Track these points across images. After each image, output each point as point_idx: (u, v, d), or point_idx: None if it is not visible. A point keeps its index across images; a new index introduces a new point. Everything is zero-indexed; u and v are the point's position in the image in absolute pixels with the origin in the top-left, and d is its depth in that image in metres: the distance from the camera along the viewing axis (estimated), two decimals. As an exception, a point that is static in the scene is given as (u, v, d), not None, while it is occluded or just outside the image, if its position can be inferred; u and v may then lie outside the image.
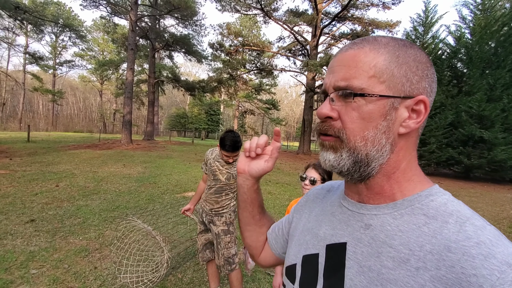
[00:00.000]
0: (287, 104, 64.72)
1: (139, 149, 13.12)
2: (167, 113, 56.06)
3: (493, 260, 0.34)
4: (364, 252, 0.45)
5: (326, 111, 0.47)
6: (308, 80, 17.66)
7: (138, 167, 8.60)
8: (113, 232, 3.65)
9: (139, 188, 6.14)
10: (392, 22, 16.37)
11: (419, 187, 0.47)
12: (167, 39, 20.97)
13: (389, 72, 0.44)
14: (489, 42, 10.71)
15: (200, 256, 2.40)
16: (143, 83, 26.93)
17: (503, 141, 9.88)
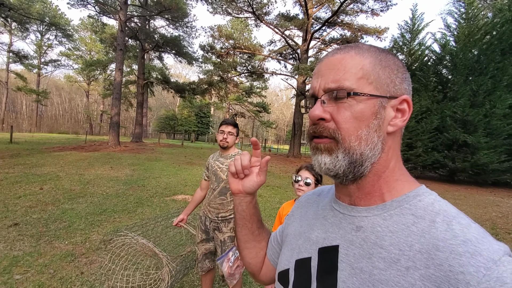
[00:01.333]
0: (278, 107, 65.09)
1: (127, 151, 12.86)
2: (156, 115, 55.33)
3: (479, 257, 0.35)
4: (356, 254, 0.46)
5: (319, 112, 0.47)
6: (298, 83, 17.83)
7: (126, 169, 8.42)
8: (100, 236, 3.55)
9: (127, 191, 6.00)
10: (381, 29, 16.78)
11: (407, 187, 0.48)
12: (157, 40, 20.75)
13: (375, 73, 0.46)
14: (472, 50, 11.11)
15: (200, 266, 2.30)
16: (131, 84, 26.50)
17: (486, 145, 10.22)
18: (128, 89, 27.59)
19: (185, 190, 6.54)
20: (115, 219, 4.27)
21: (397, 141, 0.50)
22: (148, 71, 22.18)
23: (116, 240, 2.30)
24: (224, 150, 2.26)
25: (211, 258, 2.32)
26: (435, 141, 11.56)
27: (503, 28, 10.56)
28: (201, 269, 2.30)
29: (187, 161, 11.62)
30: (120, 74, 14.61)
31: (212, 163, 2.30)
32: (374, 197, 0.49)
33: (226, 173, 2.20)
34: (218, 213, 2.21)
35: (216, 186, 2.23)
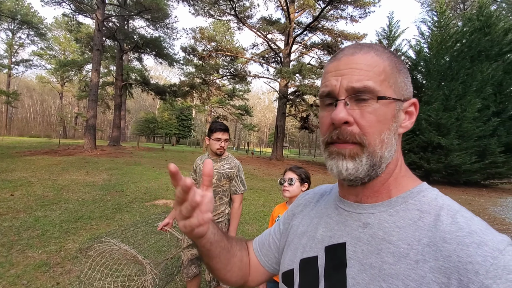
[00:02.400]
0: (260, 110, 65.42)
1: (104, 155, 12.35)
2: (135, 118, 53.84)
3: (485, 247, 0.37)
4: (364, 250, 0.46)
5: (344, 115, 0.45)
6: (281, 87, 17.99)
7: (103, 174, 8.07)
8: (75, 245, 3.34)
9: (104, 196, 5.74)
10: (360, 35, 17.34)
11: (411, 184, 0.50)
12: (137, 41, 20.18)
13: (394, 77, 0.47)
14: (445, 57, 11.71)
15: (185, 272, 2.22)
16: (109, 86, 25.57)
17: (458, 147, 10.76)
18: (105, 91, 26.62)
19: (166, 194, 6.36)
20: (92, 227, 4.05)
21: (400, 141, 0.52)
22: (126, 72, 21.51)
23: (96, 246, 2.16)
24: (217, 155, 2.20)
25: (197, 263, 2.24)
26: (411, 143, 12.03)
27: (472, 37, 11.24)
28: (186, 275, 2.22)
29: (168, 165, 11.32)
30: (97, 75, 14.06)
31: (201, 166, 2.24)
32: (382, 194, 0.49)
33: (216, 176, 2.15)
34: None
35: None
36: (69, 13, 17.78)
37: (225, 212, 2.19)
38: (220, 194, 2.16)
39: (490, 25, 11.13)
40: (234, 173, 2.17)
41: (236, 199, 2.19)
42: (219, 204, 2.16)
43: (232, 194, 2.21)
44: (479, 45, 10.99)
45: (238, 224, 2.20)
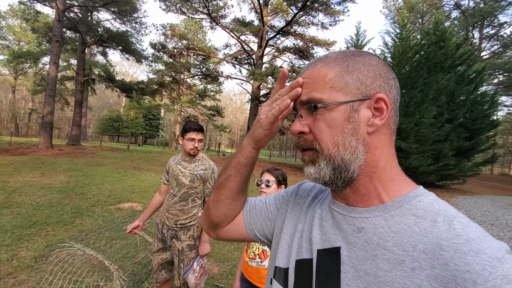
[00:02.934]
0: (232, 111, 65.17)
1: (61, 155, 11.42)
2: (97, 116, 50.72)
3: (483, 255, 0.36)
4: (359, 256, 0.45)
5: (297, 127, 0.51)
6: (253, 89, 18.06)
7: (61, 175, 7.44)
8: (30, 253, 3.01)
9: (62, 200, 5.29)
10: (330, 41, 18.01)
11: (404, 188, 0.48)
12: (101, 34, 19.00)
13: (342, 80, 0.48)
14: (405, 66, 12.62)
15: (155, 277, 2.12)
16: (69, 81, 23.75)
17: (416, 150, 11.62)
18: (64, 86, 24.66)
19: (132, 197, 6.03)
20: (48, 233, 3.70)
21: (385, 139, 0.49)
22: (89, 66, 20.16)
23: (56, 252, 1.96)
24: (190, 156, 2.12)
25: (167, 268, 2.14)
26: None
27: (429, 49, 12.23)
28: (156, 280, 2.12)
29: (134, 166, 10.78)
30: (55, 69, 12.98)
31: (174, 167, 2.13)
32: (371, 198, 0.49)
33: (189, 178, 2.06)
34: (177, 220, 2.05)
35: (177, 191, 2.07)
36: (26, 0, 16.24)
37: (198, 214, 2.11)
38: (193, 196, 2.09)
39: (444, 40, 12.20)
40: (208, 175, 2.11)
41: None
42: (191, 207, 2.08)
43: (205, 196, 2.14)
44: (435, 57, 12.00)
45: None
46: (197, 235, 2.08)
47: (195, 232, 2.08)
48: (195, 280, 1.88)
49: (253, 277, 1.66)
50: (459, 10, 24.90)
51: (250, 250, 1.71)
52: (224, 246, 3.91)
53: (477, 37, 24.58)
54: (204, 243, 2.06)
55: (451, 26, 15.25)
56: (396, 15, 25.41)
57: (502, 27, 24.05)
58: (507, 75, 24.91)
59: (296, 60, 20.35)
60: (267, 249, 1.66)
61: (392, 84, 0.50)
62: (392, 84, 0.50)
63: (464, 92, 12.07)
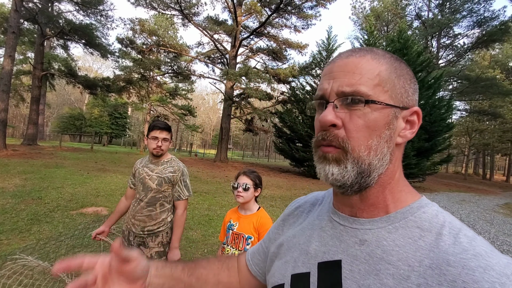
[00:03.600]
0: (204, 111, 64.21)
1: (16, 156, 10.42)
2: (56, 113, 47.16)
3: (492, 272, 0.35)
4: (362, 270, 0.43)
5: (332, 118, 0.44)
6: (227, 88, 17.89)
7: (15, 178, 6.77)
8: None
9: (17, 205, 4.81)
10: (302, 44, 18.42)
11: (410, 199, 0.47)
12: (62, 26, 17.63)
13: (391, 82, 0.45)
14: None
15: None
16: (25, 75, 21.74)
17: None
18: (20, 81, 22.55)
19: (96, 201, 5.64)
20: (1, 241, 3.36)
21: (401, 152, 0.49)
22: (48, 60, 18.61)
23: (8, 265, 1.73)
24: (157, 157, 1.99)
25: None
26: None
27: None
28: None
29: (99, 168, 10.13)
30: (11, 62, 11.91)
31: (140, 169, 2.00)
32: (378, 209, 0.47)
33: (156, 181, 1.93)
34: (144, 226, 1.92)
35: (144, 196, 1.94)
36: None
37: (167, 220, 1.99)
38: (161, 200, 1.96)
39: (407, 47, 13.08)
40: (178, 177, 1.99)
41: (179, 206, 2.01)
42: (160, 212, 1.96)
43: (175, 200, 2.02)
44: (399, 63, 12.82)
45: (182, 232, 2.02)
46: (166, 241, 1.96)
47: (164, 238, 1.96)
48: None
49: None
50: (420, 20, 26.92)
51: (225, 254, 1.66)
52: (198, 249, 3.79)
53: (435, 46, 26.76)
54: (174, 249, 1.95)
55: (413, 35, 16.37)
56: (364, 22, 26.76)
57: (456, 38, 26.47)
58: (460, 82, 27.44)
59: (270, 61, 20.55)
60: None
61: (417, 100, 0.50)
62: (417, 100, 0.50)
63: (424, 96, 13.02)
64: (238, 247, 1.63)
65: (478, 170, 41.43)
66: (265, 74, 17.15)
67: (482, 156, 37.60)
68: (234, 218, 1.74)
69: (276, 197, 8.00)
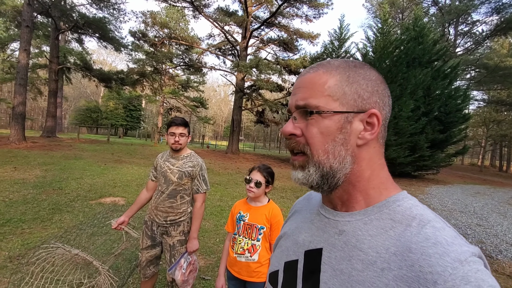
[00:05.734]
0: (215, 102, 64.39)
1: (36, 148, 10.87)
2: (73, 106, 48.52)
3: (447, 258, 0.38)
4: (337, 257, 0.49)
5: (289, 129, 0.52)
6: (237, 80, 17.88)
7: (36, 170, 7.10)
8: (4, 253, 2.88)
9: (38, 195, 5.07)
10: (314, 34, 18.05)
11: (386, 194, 0.51)
12: (76, 20, 17.96)
13: (340, 90, 0.50)
14: (386, 61, 12.94)
15: (142, 273, 2.11)
16: (41, 69, 22.42)
17: (395, 142, 12.07)
18: (37, 74, 23.26)
19: (114, 191, 5.88)
20: (24, 230, 3.55)
21: (374, 152, 0.51)
22: (63, 54, 19.08)
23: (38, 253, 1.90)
24: (176, 151, 2.10)
25: (156, 263, 2.16)
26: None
27: (408, 44, 12.58)
28: (143, 276, 2.12)
29: (115, 159, 10.47)
30: (26, 56, 12.18)
31: (162, 163, 2.11)
32: (353, 203, 0.51)
33: (177, 175, 2.05)
34: (166, 216, 2.05)
35: (165, 188, 2.06)
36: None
37: (187, 211, 2.11)
38: (181, 193, 2.08)
39: (423, 35, 12.59)
40: (197, 172, 2.10)
41: (198, 199, 2.13)
42: (180, 203, 2.08)
43: (194, 193, 2.14)
44: (414, 52, 12.37)
45: (200, 223, 2.14)
46: (187, 230, 2.09)
47: (185, 227, 2.08)
48: (182, 277, 1.88)
49: (241, 273, 1.68)
50: (437, 7, 25.66)
51: (237, 246, 1.73)
52: (210, 239, 3.93)
53: (452, 33, 25.53)
54: (192, 239, 2.06)
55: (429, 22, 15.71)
56: (378, 10, 25.83)
57: (475, 25, 25.14)
58: (478, 71, 26.24)
59: (280, 52, 20.30)
60: (257, 243, 1.69)
61: (386, 101, 0.52)
62: (386, 101, 0.52)
63: (440, 86, 12.59)
64: (251, 237, 1.70)
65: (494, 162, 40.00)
66: (276, 65, 17.00)
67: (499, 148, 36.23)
68: (244, 209, 1.80)
69: (287, 188, 8.08)
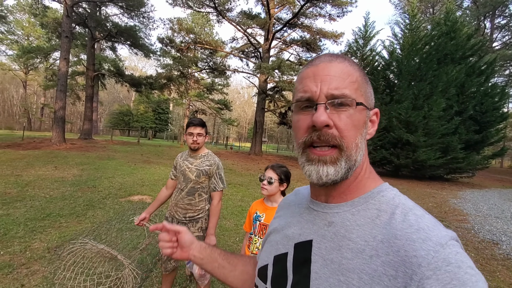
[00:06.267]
0: (239, 105, 65.09)
1: (74, 149, 11.74)
2: (108, 110, 51.51)
3: (429, 242, 0.40)
4: (328, 247, 0.50)
5: (325, 118, 0.47)
6: (260, 82, 18.01)
7: (74, 169, 7.69)
8: (43, 244, 3.19)
9: (75, 192, 5.50)
10: (337, 33, 17.70)
11: (373, 185, 0.54)
12: (110, 29, 19.18)
13: (364, 86, 0.52)
14: (415, 58, 12.35)
15: (164, 267, 2.24)
16: (79, 76, 24.15)
17: (424, 143, 11.47)
18: (75, 81, 25.10)
19: (142, 190, 6.21)
20: (61, 224, 3.88)
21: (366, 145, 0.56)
22: (99, 62, 20.45)
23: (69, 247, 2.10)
24: (194, 151, 2.21)
25: None
26: (383, 140, 12.62)
27: (439, 40, 11.92)
28: (165, 269, 2.25)
29: (144, 160, 11.02)
30: (66, 64, 13.21)
31: (181, 162, 2.23)
32: (346, 195, 0.53)
33: (195, 173, 2.16)
34: (185, 213, 2.16)
35: (184, 186, 2.17)
36: (33, -5, 16.47)
37: (205, 208, 2.21)
38: (199, 190, 2.18)
39: (455, 30, 11.86)
40: (214, 171, 2.19)
41: (215, 196, 2.21)
42: (198, 201, 2.18)
43: (211, 191, 2.23)
44: (445, 48, 11.69)
45: (217, 220, 2.23)
46: (205, 227, 2.19)
47: (203, 224, 2.18)
48: (199, 271, 1.97)
49: None
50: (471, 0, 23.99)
51: (253, 246, 1.74)
52: (230, 237, 4.02)
53: (489, 27, 23.70)
54: (210, 235, 2.15)
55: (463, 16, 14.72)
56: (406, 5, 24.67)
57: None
58: (517, 67, 24.08)
59: (303, 53, 20.12)
60: None
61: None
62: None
63: (475, 84, 11.78)
64: None
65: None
66: (298, 66, 16.88)
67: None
68: (261, 210, 1.82)
69: (308, 190, 8.01)
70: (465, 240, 4.60)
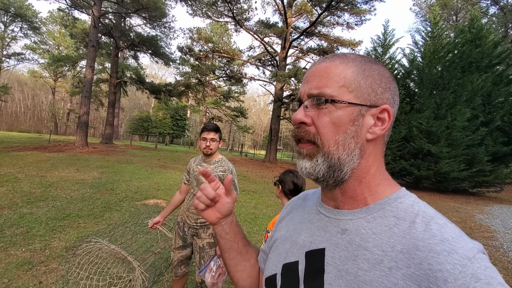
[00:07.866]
0: (255, 112, 65.51)
1: (95, 153, 12.20)
2: (128, 116, 53.37)
3: (455, 255, 0.37)
4: (342, 256, 0.47)
5: (300, 116, 0.50)
6: (276, 90, 18.08)
7: (94, 172, 7.97)
8: (62, 243, 3.29)
9: (94, 194, 5.67)
10: (355, 41, 17.56)
11: (388, 190, 0.50)
12: (133, 39, 20.08)
13: (356, 82, 0.49)
14: (437, 66, 11.95)
15: (174, 271, 2.23)
16: (103, 83, 25.30)
17: (447, 155, 10.97)
18: (99, 88, 26.34)
19: (157, 194, 6.32)
20: (79, 225, 4.00)
21: (379, 148, 0.52)
22: (121, 70, 21.34)
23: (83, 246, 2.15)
24: (208, 156, 2.21)
25: (186, 263, 2.26)
26: (402, 150, 12.20)
27: (463, 48, 11.50)
28: (175, 275, 2.24)
29: (161, 165, 11.25)
30: (91, 72, 13.91)
31: (194, 167, 2.24)
32: (358, 201, 0.50)
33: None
34: (197, 218, 2.14)
35: (197, 191, 2.17)
36: (65, 8, 17.60)
37: None
38: None
39: (481, 38, 11.41)
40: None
41: None
42: None
43: None
44: (470, 56, 11.26)
45: None
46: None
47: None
48: (212, 279, 1.93)
49: None
50: (497, 6, 23.05)
51: None
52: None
53: (517, 35, 22.63)
54: None
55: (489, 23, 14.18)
56: (427, 13, 24.15)
57: (546, 23, 21.98)
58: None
59: (320, 61, 20.04)
60: None
61: (396, 100, 0.52)
62: (396, 100, 0.52)
63: (503, 93, 11.20)
64: None
65: None
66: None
67: None
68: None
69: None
70: (493, 259, 4.30)
